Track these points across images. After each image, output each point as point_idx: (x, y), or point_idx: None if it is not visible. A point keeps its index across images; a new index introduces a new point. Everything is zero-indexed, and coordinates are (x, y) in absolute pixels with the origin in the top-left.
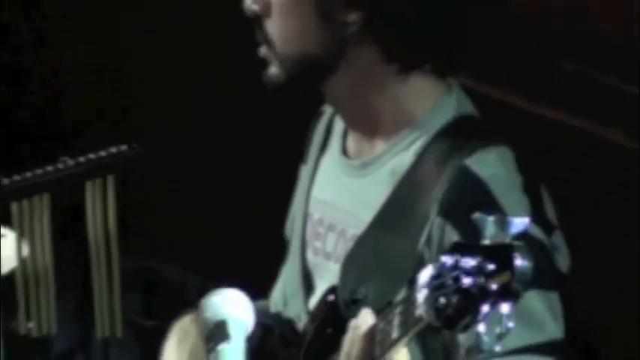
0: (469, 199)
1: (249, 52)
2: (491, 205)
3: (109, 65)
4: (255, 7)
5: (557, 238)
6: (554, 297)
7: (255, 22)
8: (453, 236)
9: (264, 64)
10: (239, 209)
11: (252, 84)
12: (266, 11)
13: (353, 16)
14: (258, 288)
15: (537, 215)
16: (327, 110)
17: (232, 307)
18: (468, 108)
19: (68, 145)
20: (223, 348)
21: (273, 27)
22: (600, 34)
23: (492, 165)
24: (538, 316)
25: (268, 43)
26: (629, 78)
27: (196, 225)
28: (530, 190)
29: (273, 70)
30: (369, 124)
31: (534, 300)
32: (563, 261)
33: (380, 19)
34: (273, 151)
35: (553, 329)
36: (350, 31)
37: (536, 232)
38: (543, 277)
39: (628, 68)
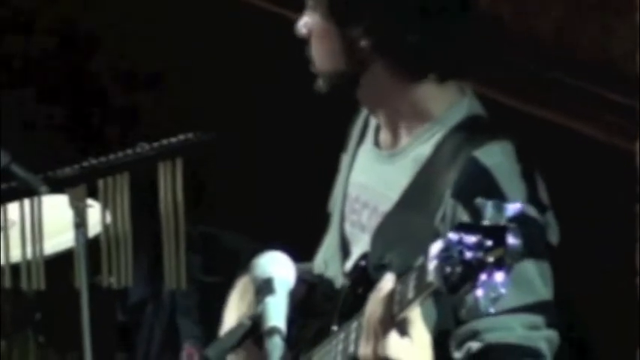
0: (477, 184)
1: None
2: (495, 189)
3: (181, 64)
4: (303, 31)
5: (549, 217)
6: (546, 266)
7: (306, 43)
8: (462, 215)
9: (315, 76)
10: (286, 188)
11: (304, 83)
12: (309, 35)
13: (365, 42)
14: (300, 252)
15: (533, 197)
16: (364, 110)
17: (277, 267)
18: (478, 109)
19: (145, 132)
20: (269, 300)
21: (313, 49)
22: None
23: (496, 156)
24: (531, 281)
25: (311, 61)
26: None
27: (250, 199)
28: (527, 177)
29: (320, 82)
30: (395, 122)
31: (528, 267)
32: (553, 236)
33: (386, 44)
34: (319, 141)
35: (543, 293)
36: (365, 52)
37: (532, 211)
38: (536, 248)
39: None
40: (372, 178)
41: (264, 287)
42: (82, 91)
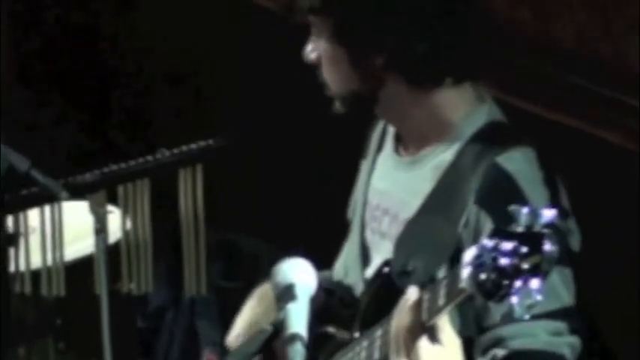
0: (500, 190)
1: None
2: (518, 195)
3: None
4: (312, 57)
5: (571, 223)
6: (568, 272)
7: (317, 68)
8: (486, 221)
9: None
10: (305, 194)
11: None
12: (318, 61)
13: (376, 60)
14: (320, 258)
15: (555, 203)
16: None
17: (299, 273)
18: (498, 115)
19: (165, 138)
20: (291, 307)
21: (324, 73)
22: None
23: (518, 162)
24: (554, 287)
25: (325, 85)
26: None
27: (270, 206)
28: (549, 184)
29: (337, 104)
30: (414, 131)
31: (552, 274)
32: (575, 242)
33: (397, 58)
34: (339, 147)
35: (566, 299)
36: (377, 70)
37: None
38: (559, 256)
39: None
40: (393, 185)
41: (286, 293)
42: (103, 96)
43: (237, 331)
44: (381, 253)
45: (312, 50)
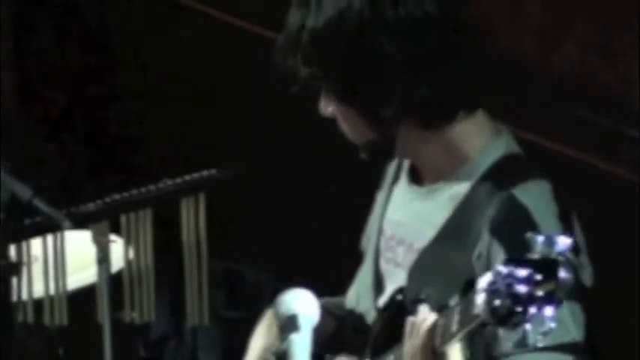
0: (514, 222)
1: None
2: (532, 228)
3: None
4: (327, 112)
5: (583, 259)
6: (578, 307)
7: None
8: (499, 251)
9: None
10: (307, 225)
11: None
12: (334, 116)
13: (386, 112)
14: (323, 288)
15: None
16: None
17: (302, 304)
18: (515, 148)
19: (167, 168)
20: (294, 337)
21: (341, 127)
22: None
23: (534, 195)
24: (564, 321)
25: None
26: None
27: (272, 235)
28: (564, 218)
29: (361, 153)
30: (431, 165)
31: (562, 309)
32: (587, 277)
33: (405, 107)
34: (342, 178)
35: (575, 333)
36: (389, 120)
37: None
38: (570, 290)
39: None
40: (408, 215)
41: (289, 324)
42: (105, 125)
43: None
44: (395, 281)
45: (326, 106)
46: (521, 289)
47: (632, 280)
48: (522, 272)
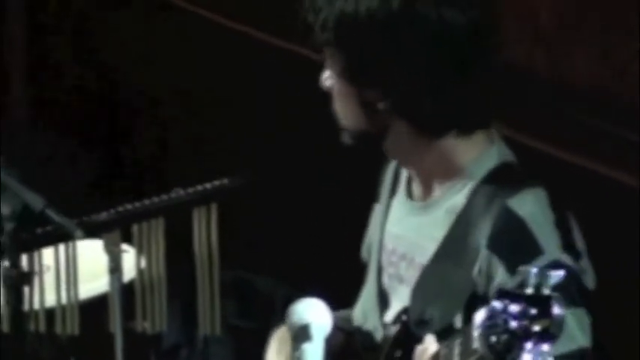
0: (511, 236)
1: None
2: (530, 240)
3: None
4: (327, 84)
5: (584, 263)
6: (583, 312)
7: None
8: (498, 266)
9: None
10: (320, 234)
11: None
12: (330, 91)
13: (381, 104)
14: (335, 298)
15: (567, 244)
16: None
17: (314, 314)
18: (508, 156)
19: (180, 178)
20: (306, 347)
21: (335, 105)
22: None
23: (530, 205)
24: (570, 329)
25: (335, 115)
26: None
27: (284, 245)
28: (561, 224)
29: (345, 136)
30: (425, 175)
31: (567, 317)
32: (589, 281)
33: (401, 107)
34: (353, 186)
35: (581, 340)
36: (385, 114)
37: (567, 259)
38: (573, 297)
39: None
40: (407, 229)
41: (301, 334)
42: (117, 135)
43: None
44: (399, 297)
45: (327, 78)
46: (516, 324)
47: (632, 284)
48: (516, 307)
